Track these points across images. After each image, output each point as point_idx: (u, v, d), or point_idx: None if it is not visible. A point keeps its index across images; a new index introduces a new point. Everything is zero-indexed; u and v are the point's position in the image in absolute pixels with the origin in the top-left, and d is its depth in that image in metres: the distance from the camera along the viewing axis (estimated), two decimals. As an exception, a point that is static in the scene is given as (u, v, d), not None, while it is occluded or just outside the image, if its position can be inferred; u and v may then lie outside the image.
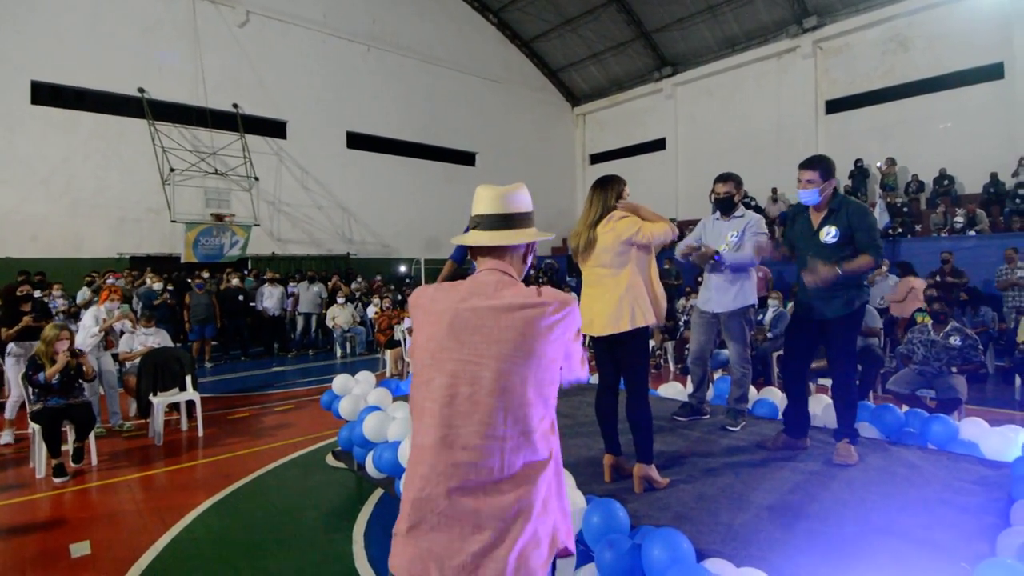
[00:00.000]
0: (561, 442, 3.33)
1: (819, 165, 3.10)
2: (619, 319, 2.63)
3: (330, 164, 14.91)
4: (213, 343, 10.06)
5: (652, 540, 1.93)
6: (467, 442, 1.21)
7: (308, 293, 11.05)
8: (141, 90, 12.00)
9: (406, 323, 7.68)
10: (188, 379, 5.67)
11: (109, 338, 5.75)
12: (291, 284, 11.56)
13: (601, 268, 2.71)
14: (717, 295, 3.70)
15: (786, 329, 3.47)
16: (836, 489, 2.65)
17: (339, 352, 10.55)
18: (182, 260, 11.67)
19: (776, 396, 4.25)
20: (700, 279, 3.95)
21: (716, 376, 6.08)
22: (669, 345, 8.26)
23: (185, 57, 12.59)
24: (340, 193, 15.07)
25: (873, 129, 13.88)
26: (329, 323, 10.61)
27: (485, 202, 1.43)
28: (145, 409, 5.55)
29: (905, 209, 12.10)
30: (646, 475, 2.65)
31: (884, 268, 9.51)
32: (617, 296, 2.65)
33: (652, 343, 8.34)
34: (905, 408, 4.19)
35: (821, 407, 3.75)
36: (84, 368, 4.83)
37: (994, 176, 11.59)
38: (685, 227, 17.17)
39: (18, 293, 5.58)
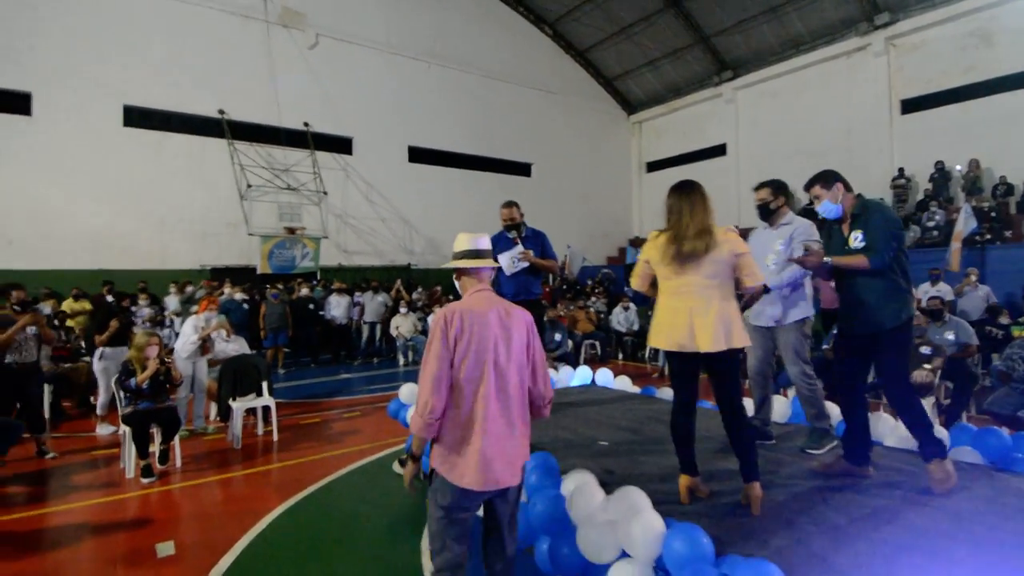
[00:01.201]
0: (629, 459, 3.27)
1: (815, 180, 3.10)
2: (730, 335, 2.53)
3: (393, 178, 15.35)
4: (285, 350, 10.49)
5: (742, 572, 1.84)
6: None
7: (373, 303, 11.38)
8: (221, 112, 12.76)
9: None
10: (264, 385, 5.92)
11: (206, 345, 6.10)
12: (357, 294, 11.94)
13: (708, 279, 2.59)
14: (770, 309, 3.53)
15: (833, 347, 3.28)
16: (940, 520, 2.46)
17: (402, 360, 10.79)
18: (258, 271, 12.28)
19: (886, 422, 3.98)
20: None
21: (791, 394, 5.80)
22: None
23: (260, 79, 13.31)
24: (402, 206, 15.47)
25: (955, 129, 12.97)
26: (393, 332, 10.89)
27: (468, 242, 2.23)
28: (225, 413, 5.84)
29: (993, 214, 11.24)
30: (760, 495, 2.55)
31: (974, 278, 8.86)
32: (727, 311, 2.57)
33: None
34: (1006, 431, 3.86)
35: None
36: (173, 373, 5.13)
37: (1096, 177, 10.60)
38: (746, 235, 16.69)
39: (124, 304, 6.07)
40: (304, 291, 11.14)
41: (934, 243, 11.26)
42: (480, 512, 2.20)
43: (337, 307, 11.25)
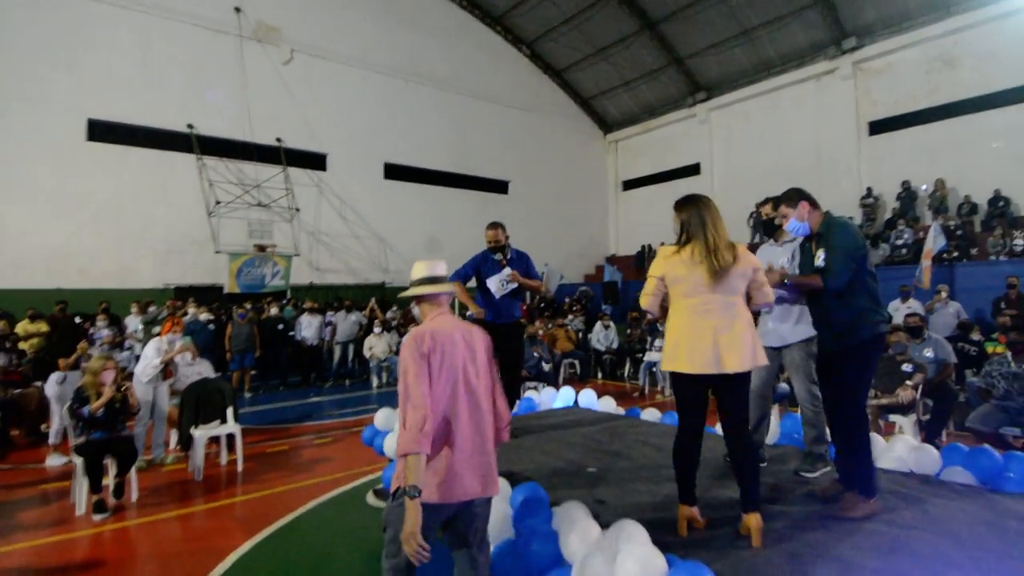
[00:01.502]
0: (620, 488, 3.08)
1: (780, 199, 3.12)
2: (755, 353, 2.44)
3: (367, 195, 15.15)
4: (252, 372, 10.08)
5: (754, 615, 1.68)
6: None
7: (346, 322, 11.06)
8: (190, 126, 12.43)
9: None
10: (229, 411, 5.61)
11: (168, 369, 5.76)
12: (329, 313, 11.61)
13: (731, 296, 2.48)
14: (775, 326, 3.44)
15: (816, 368, 3.21)
16: (944, 547, 2.35)
17: (375, 382, 10.46)
18: (225, 290, 11.86)
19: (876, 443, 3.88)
20: None
21: (776, 412, 5.73)
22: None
23: (232, 94, 13.04)
24: (376, 223, 15.25)
25: (920, 150, 13.39)
26: (366, 353, 10.56)
27: (425, 269, 2.31)
28: (187, 441, 5.50)
29: (959, 232, 11.54)
30: (761, 525, 2.40)
31: (944, 294, 9.01)
32: (749, 327, 2.47)
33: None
34: (988, 447, 3.82)
35: (907, 449, 3.41)
36: (130, 401, 4.81)
37: (1055, 196, 10.99)
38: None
39: (86, 326, 5.73)
40: (273, 311, 10.78)
41: (903, 261, 11.50)
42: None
43: (308, 327, 10.89)
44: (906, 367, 5.15)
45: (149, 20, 12.15)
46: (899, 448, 3.43)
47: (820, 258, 2.92)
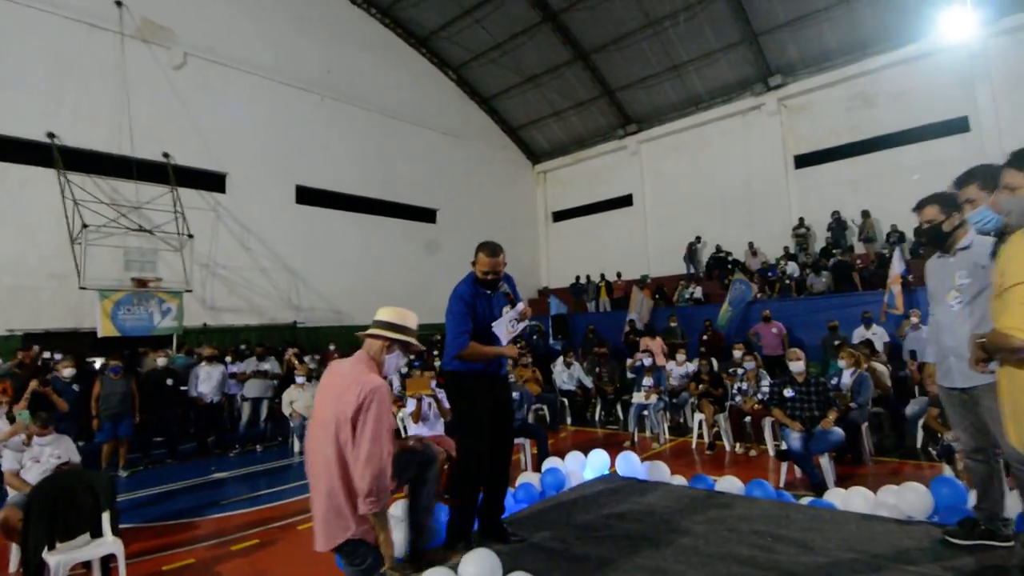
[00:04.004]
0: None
1: (960, 179, 2.38)
2: None
3: (276, 221, 13.13)
4: (130, 442, 7.69)
5: None
6: None
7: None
8: (51, 135, 9.99)
9: (410, 406, 5.90)
10: (105, 518, 3.69)
11: None
12: (230, 362, 9.48)
13: None
14: (959, 363, 2.50)
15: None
16: None
17: (297, 446, 8.39)
18: (100, 334, 9.35)
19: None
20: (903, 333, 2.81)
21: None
22: (721, 418, 6.88)
23: (108, 100, 10.75)
24: (287, 254, 13.24)
25: (845, 182, 13.88)
26: (287, 410, 8.44)
27: (387, 315, 2.54)
28: (37, 569, 3.51)
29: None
30: None
31: (915, 319, 8.84)
32: None
33: (702, 416, 6.95)
34: None
35: None
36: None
37: (975, 226, 11.55)
38: (664, 284, 16.03)
39: None
40: (160, 361, 8.49)
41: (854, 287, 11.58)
42: None
43: (207, 380, 8.67)
44: None
45: (2, 4, 9.74)
46: None
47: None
